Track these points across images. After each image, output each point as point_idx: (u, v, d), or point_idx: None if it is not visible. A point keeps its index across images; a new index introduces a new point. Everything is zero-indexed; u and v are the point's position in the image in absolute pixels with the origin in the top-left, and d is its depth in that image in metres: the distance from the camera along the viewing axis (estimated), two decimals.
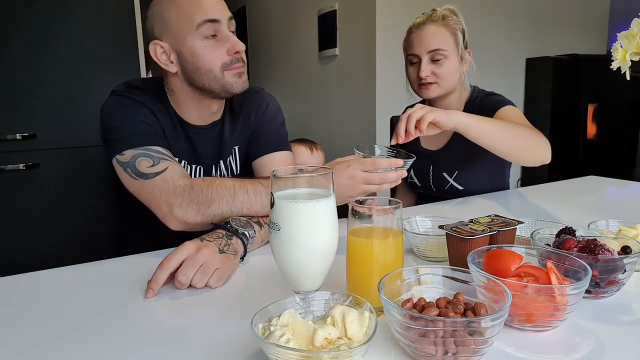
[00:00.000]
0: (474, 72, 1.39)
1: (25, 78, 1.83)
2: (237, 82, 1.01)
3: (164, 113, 1.06)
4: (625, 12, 3.43)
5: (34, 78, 1.84)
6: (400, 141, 1.06)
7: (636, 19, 0.83)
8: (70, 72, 1.90)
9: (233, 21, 1.01)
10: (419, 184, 1.49)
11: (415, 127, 1.05)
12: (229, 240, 0.82)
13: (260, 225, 0.93)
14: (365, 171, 0.90)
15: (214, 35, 0.97)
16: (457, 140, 1.36)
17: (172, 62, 1.00)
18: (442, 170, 1.42)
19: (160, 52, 1.00)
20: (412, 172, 1.48)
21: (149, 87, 1.08)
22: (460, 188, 1.39)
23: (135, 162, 0.95)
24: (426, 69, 1.31)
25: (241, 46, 0.99)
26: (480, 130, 1.08)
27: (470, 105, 1.40)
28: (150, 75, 2.18)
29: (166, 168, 0.94)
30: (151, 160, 0.95)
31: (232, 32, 1.01)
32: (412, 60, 1.36)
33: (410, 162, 0.93)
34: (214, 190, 0.91)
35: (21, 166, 1.84)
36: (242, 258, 0.85)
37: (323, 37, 3.30)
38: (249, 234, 0.87)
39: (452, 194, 1.41)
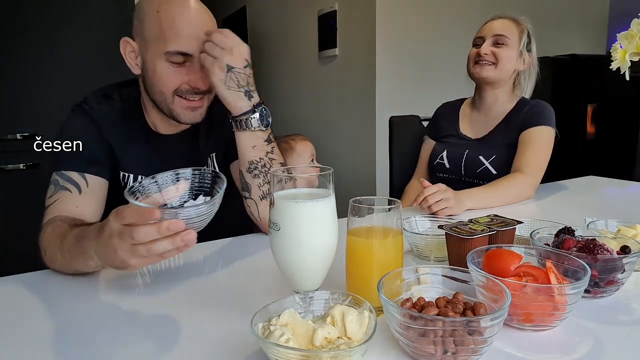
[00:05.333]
0: (528, 74, 1.51)
1: (25, 78, 1.83)
2: (186, 114, 0.97)
3: (127, 126, 1.03)
4: (625, 12, 3.43)
5: (34, 78, 1.85)
6: (415, 204, 1.19)
7: (636, 19, 0.83)
8: (71, 72, 1.90)
9: None
10: (447, 165, 1.54)
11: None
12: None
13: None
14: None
15: (182, 63, 0.93)
16: (498, 131, 1.49)
17: (137, 65, 0.98)
18: (478, 154, 1.49)
19: (129, 51, 0.97)
20: (444, 153, 1.55)
21: (124, 95, 1.05)
22: (494, 172, 1.44)
23: (48, 187, 0.95)
24: (486, 48, 1.45)
25: (203, 86, 0.95)
26: (484, 204, 1.24)
27: (514, 116, 1.48)
28: None
29: (55, 201, 0.92)
30: (53, 188, 0.94)
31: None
32: (476, 43, 1.50)
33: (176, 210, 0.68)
34: (44, 236, 0.84)
35: (21, 166, 1.84)
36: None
37: (323, 37, 3.30)
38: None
39: (481, 178, 1.46)
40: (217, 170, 1.13)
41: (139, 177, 1.05)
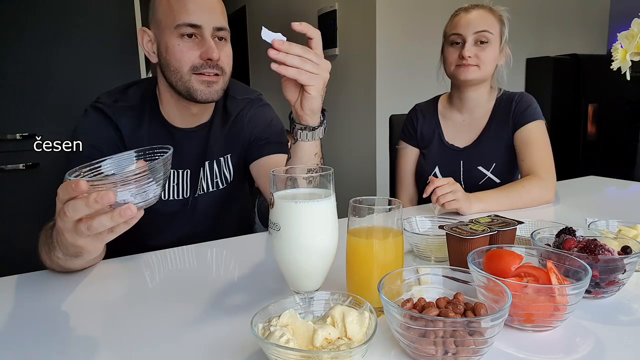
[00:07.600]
0: (510, 66, 1.39)
1: (25, 78, 1.83)
2: (203, 90, 0.98)
3: (145, 121, 1.05)
4: (625, 12, 3.43)
5: (34, 78, 1.84)
6: (425, 196, 1.14)
7: (636, 19, 0.83)
8: (71, 72, 1.90)
9: (225, 32, 0.99)
10: None
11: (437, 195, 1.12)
12: None
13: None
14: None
15: (192, 36, 0.96)
16: (487, 136, 1.40)
17: (154, 52, 1.01)
18: (476, 164, 1.39)
19: (147, 40, 1.02)
20: (436, 169, 1.44)
21: (138, 91, 1.08)
22: (498, 181, 1.36)
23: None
24: (471, 49, 1.31)
25: (215, 54, 0.95)
26: (496, 208, 1.19)
27: (500, 114, 1.40)
28: (150, 76, 2.18)
29: None
30: None
31: (221, 39, 0.99)
32: (454, 41, 1.35)
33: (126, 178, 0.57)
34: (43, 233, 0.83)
35: (21, 166, 1.84)
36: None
37: (323, 37, 3.29)
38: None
39: (486, 188, 1.31)
40: (232, 171, 1.14)
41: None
